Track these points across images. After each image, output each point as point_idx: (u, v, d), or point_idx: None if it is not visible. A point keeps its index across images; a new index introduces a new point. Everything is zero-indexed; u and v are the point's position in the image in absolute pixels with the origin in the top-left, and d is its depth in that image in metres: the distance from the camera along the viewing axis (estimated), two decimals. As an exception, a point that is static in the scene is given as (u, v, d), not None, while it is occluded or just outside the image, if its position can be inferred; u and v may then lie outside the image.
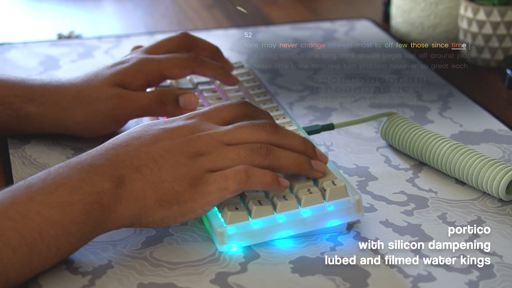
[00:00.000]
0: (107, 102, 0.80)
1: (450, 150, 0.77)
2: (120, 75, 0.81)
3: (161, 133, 0.66)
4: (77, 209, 0.61)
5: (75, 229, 0.62)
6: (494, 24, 1.03)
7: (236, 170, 0.64)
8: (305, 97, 0.97)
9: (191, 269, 0.64)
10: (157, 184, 0.64)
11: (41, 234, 0.60)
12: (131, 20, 1.30)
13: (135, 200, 0.64)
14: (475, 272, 0.64)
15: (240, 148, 0.65)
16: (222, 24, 1.26)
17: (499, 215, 0.72)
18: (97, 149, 0.66)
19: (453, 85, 0.99)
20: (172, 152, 0.64)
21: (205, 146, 0.65)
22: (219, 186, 0.64)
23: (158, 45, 0.86)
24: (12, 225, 0.60)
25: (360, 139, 0.86)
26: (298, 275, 0.63)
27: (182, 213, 0.64)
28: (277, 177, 0.65)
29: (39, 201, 0.61)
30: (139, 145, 0.65)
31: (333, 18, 1.26)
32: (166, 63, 0.82)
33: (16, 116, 0.81)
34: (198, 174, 0.64)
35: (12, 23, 1.30)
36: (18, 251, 0.59)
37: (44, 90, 0.81)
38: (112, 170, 0.63)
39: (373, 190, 0.76)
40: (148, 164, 0.64)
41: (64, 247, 0.62)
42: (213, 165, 0.64)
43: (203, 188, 0.64)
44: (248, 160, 0.65)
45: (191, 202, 0.64)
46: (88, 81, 0.81)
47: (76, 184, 0.62)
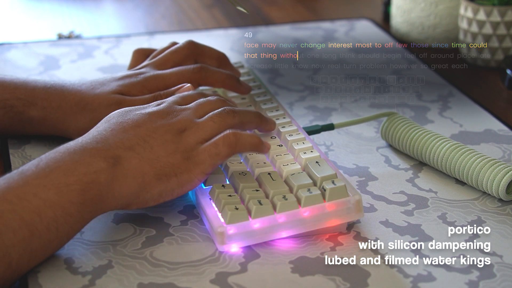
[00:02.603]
0: (108, 109, 0.80)
1: (450, 150, 0.77)
2: (126, 87, 0.82)
3: (142, 117, 0.69)
4: (74, 190, 0.63)
5: (73, 210, 0.63)
6: (494, 24, 1.03)
7: (225, 135, 0.68)
8: (305, 97, 0.97)
9: (191, 269, 0.64)
10: (153, 160, 0.66)
11: (40, 215, 0.61)
12: (131, 20, 1.30)
13: (133, 177, 0.65)
14: (475, 272, 0.64)
15: (212, 116, 0.70)
16: (222, 24, 1.26)
17: (499, 215, 0.72)
18: (84, 136, 0.68)
19: (453, 85, 0.99)
20: (158, 132, 0.68)
21: (185, 123, 0.69)
22: (210, 153, 0.67)
23: (166, 58, 0.86)
24: (10, 207, 0.60)
25: (360, 139, 0.86)
26: (298, 275, 0.64)
27: (179, 184, 0.67)
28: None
29: (35, 184, 0.62)
30: (124, 128, 0.68)
31: (333, 18, 1.26)
32: (171, 79, 0.82)
33: (18, 119, 0.81)
34: (188, 147, 0.67)
35: (12, 23, 1.30)
36: (19, 233, 0.60)
37: (47, 94, 0.81)
38: (105, 151, 0.65)
39: (373, 190, 0.76)
40: (140, 143, 0.67)
41: (63, 228, 0.62)
42: (198, 136, 0.68)
43: (196, 158, 0.67)
44: (223, 123, 0.69)
45: (187, 173, 0.67)
46: (94, 89, 0.82)
47: (71, 166, 0.63)
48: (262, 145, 0.70)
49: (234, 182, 0.70)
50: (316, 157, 0.71)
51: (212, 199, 0.68)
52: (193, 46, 0.87)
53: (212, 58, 0.87)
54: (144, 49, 0.90)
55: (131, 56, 0.90)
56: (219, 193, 0.68)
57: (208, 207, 0.68)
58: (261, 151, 0.71)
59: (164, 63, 0.85)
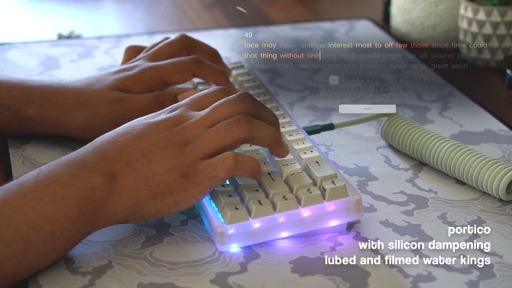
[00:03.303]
0: (108, 105, 0.80)
1: (450, 150, 0.77)
2: (122, 81, 0.81)
3: (146, 127, 0.67)
4: (71, 204, 0.62)
5: (69, 224, 0.62)
6: (494, 24, 1.03)
7: (224, 157, 0.65)
8: (305, 97, 0.97)
9: (191, 269, 0.64)
10: (149, 178, 0.65)
11: (35, 229, 0.61)
12: (131, 20, 1.30)
13: (129, 195, 0.64)
14: (475, 272, 0.64)
15: (218, 127, 0.66)
16: (222, 24, 1.26)
17: (499, 215, 0.72)
18: (85, 147, 0.66)
19: (453, 85, 0.99)
20: (159, 145, 0.66)
21: (190, 135, 0.66)
22: (208, 174, 0.65)
23: (159, 50, 0.86)
24: (6, 220, 0.60)
25: (360, 139, 0.86)
26: (298, 275, 0.63)
27: (175, 203, 0.65)
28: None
29: (32, 196, 0.62)
30: (127, 140, 0.66)
31: (333, 18, 1.26)
32: (166, 69, 0.82)
33: (15, 118, 0.81)
34: (187, 164, 0.65)
35: (12, 23, 1.30)
36: (14, 246, 0.60)
37: (43, 92, 0.81)
38: (103, 166, 0.64)
39: (373, 190, 0.76)
40: (138, 158, 0.65)
41: (60, 242, 0.62)
42: (200, 152, 0.66)
43: (194, 178, 0.65)
44: (228, 137, 0.66)
45: (183, 192, 0.65)
46: (90, 85, 0.82)
47: (69, 180, 0.63)
48: (259, 172, 0.67)
49: (234, 182, 0.70)
50: (316, 157, 0.71)
51: (212, 199, 0.68)
52: (186, 39, 0.87)
53: (204, 52, 0.87)
54: (136, 46, 0.90)
55: (123, 53, 0.90)
56: (219, 193, 0.68)
57: (208, 207, 0.68)
58: (256, 177, 0.67)
59: (158, 56, 0.85)
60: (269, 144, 0.68)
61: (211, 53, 0.88)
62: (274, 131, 0.68)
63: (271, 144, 0.68)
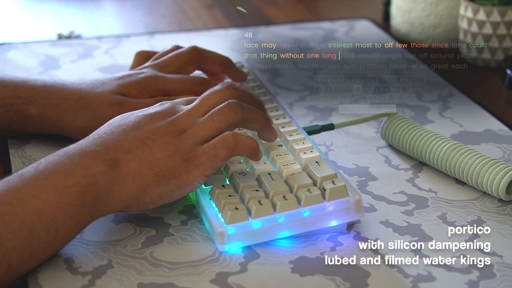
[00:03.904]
0: (108, 109, 0.80)
1: (450, 150, 0.77)
2: (126, 87, 0.82)
3: (142, 119, 0.68)
4: (73, 192, 0.63)
5: (72, 212, 0.63)
6: (494, 24, 1.03)
7: (224, 137, 0.67)
8: (305, 97, 0.97)
9: (191, 269, 0.64)
10: (151, 162, 0.66)
11: (39, 217, 0.61)
12: (131, 20, 1.30)
13: (132, 180, 0.65)
14: (475, 272, 0.64)
15: (212, 113, 0.68)
16: (222, 24, 1.26)
17: (499, 215, 0.72)
18: (83, 140, 0.67)
19: (453, 85, 0.99)
20: (158, 134, 0.67)
21: (184, 124, 0.68)
22: (209, 155, 0.66)
23: (168, 61, 0.86)
24: (10, 209, 0.61)
25: (360, 139, 0.86)
26: (298, 275, 0.64)
27: (179, 186, 0.66)
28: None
29: (34, 186, 0.62)
30: (124, 131, 0.67)
31: (333, 18, 1.26)
32: (172, 85, 0.82)
33: (18, 117, 0.81)
34: (187, 149, 0.67)
35: (12, 23, 1.30)
36: (18, 234, 0.60)
37: (46, 92, 0.81)
38: (104, 154, 0.65)
39: (373, 190, 0.76)
40: (139, 145, 0.66)
41: (62, 230, 0.63)
42: (196, 138, 0.67)
43: (195, 160, 0.66)
44: (223, 121, 0.68)
45: (186, 175, 0.66)
46: (94, 87, 0.82)
47: (70, 168, 0.64)
48: (259, 151, 0.69)
49: (234, 182, 0.70)
50: (316, 157, 0.71)
51: (212, 199, 0.68)
52: (196, 52, 0.86)
53: (215, 63, 0.87)
54: (147, 51, 0.90)
55: (133, 57, 0.90)
56: (219, 193, 0.68)
57: (208, 207, 0.68)
58: (255, 156, 0.69)
59: (166, 66, 0.85)
60: (261, 126, 0.70)
61: (222, 63, 0.87)
62: (264, 114, 0.71)
63: (262, 126, 0.70)
